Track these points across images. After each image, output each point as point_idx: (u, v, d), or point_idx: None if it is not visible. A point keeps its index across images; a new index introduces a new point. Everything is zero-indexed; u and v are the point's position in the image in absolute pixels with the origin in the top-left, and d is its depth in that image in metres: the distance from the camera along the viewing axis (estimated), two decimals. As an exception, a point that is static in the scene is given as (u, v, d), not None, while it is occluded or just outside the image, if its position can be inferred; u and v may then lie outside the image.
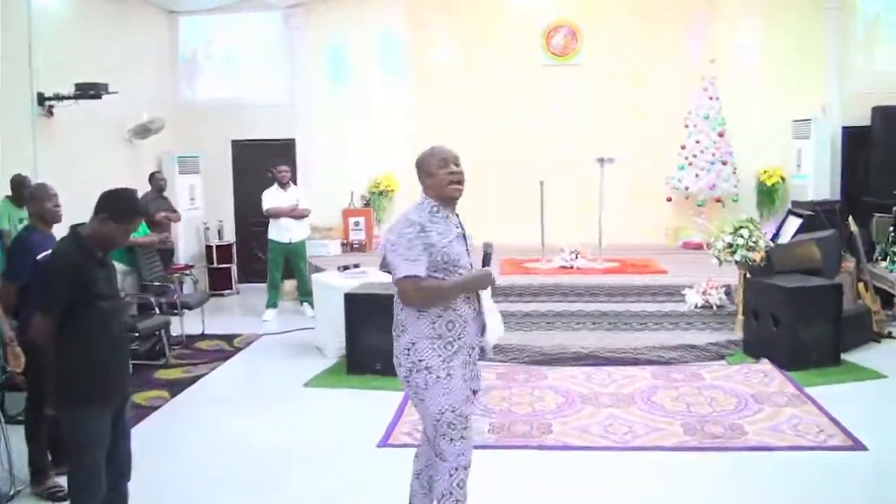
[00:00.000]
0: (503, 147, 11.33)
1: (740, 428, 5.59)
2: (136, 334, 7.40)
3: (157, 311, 8.06)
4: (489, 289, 3.64)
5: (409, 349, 3.54)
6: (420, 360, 3.52)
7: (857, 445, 5.25)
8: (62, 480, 4.84)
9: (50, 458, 4.99)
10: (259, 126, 11.68)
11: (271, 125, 11.68)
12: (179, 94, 11.89)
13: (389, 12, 11.67)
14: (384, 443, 5.60)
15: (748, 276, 7.64)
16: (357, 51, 11.70)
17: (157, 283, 8.65)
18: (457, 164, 3.56)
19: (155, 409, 6.47)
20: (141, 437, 5.78)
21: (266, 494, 4.84)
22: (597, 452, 5.33)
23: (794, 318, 6.99)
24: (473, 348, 3.63)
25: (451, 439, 3.54)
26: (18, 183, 6.69)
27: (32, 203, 4.96)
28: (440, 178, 3.53)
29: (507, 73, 11.59)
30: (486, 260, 3.66)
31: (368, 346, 7.23)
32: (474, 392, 3.68)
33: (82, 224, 3.70)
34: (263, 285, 10.29)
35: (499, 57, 11.62)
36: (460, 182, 3.55)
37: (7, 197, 6.87)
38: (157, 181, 9.73)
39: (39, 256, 4.67)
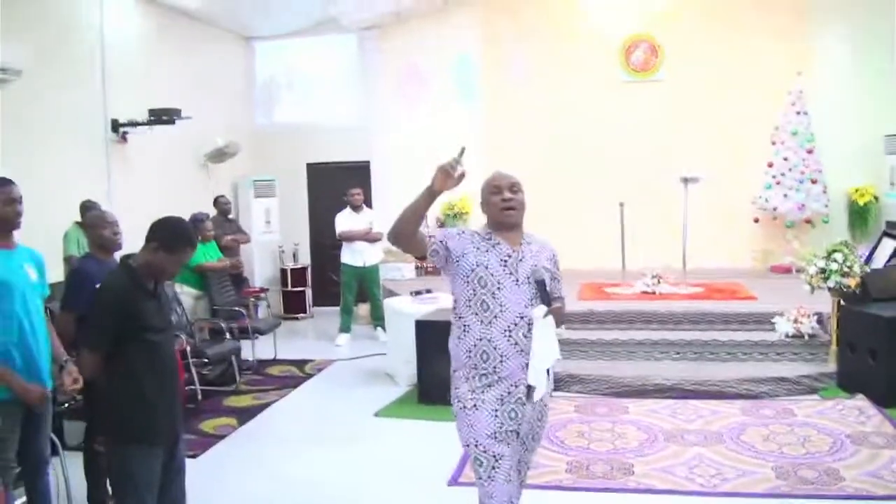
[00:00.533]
0: (582, 167, 11.08)
1: (836, 473, 5.16)
2: (206, 360, 7.34)
3: (229, 336, 7.99)
4: (545, 326, 3.33)
5: (452, 377, 3.50)
6: (456, 389, 3.46)
7: (967, 493, 4.81)
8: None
9: (110, 491, 4.91)
10: (334, 149, 11.65)
11: (346, 148, 11.63)
12: (255, 118, 11.95)
13: (465, 33, 11.56)
14: (454, 481, 5.37)
15: (842, 303, 7.18)
16: (431, 72, 11.59)
17: (228, 308, 8.61)
18: (512, 190, 3.48)
19: (222, 437, 6.38)
20: (206, 466, 5.72)
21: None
22: (682, 497, 4.98)
23: (894, 351, 6.52)
24: (516, 385, 3.34)
25: (479, 478, 3.35)
26: (87, 209, 6.69)
27: (90, 231, 4.91)
28: (492, 204, 3.49)
29: (584, 91, 11.34)
30: (542, 292, 3.37)
31: (439, 376, 6.93)
32: (517, 434, 3.37)
33: (133, 255, 3.59)
34: (337, 309, 10.19)
35: (576, 74, 11.39)
36: (513, 208, 3.44)
37: (77, 223, 6.90)
38: (221, 205, 9.74)
39: (98, 284, 4.59)
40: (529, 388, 3.33)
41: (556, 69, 11.44)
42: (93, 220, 4.89)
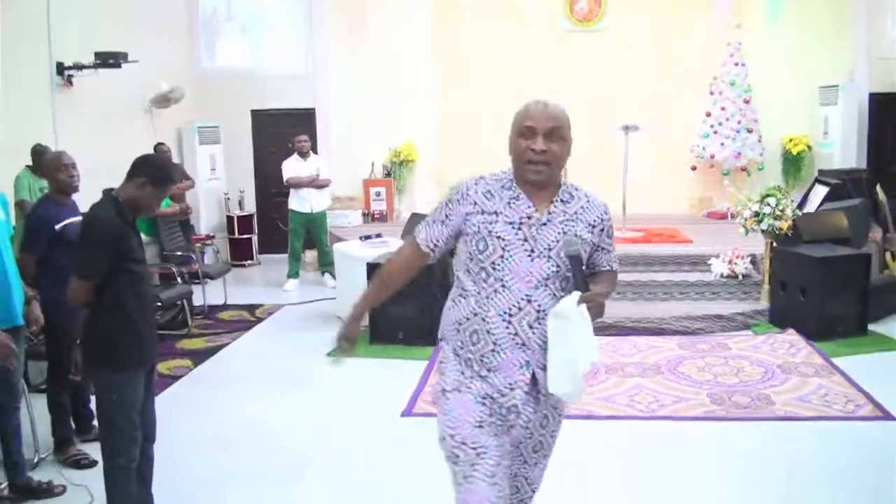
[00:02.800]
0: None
1: (767, 398, 5.52)
2: (159, 304, 7.40)
3: (180, 280, 8.05)
4: (578, 319, 2.51)
5: (439, 349, 2.87)
6: (441, 364, 2.80)
7: (886, 416, 5.17)
8: (85, 448, 4.91)
9: (73, 426, 5.01)
10: (279, 95, 11.62)
11: (291, 95, 11.61)
12: (200, 64, 11.81)
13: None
14: (408, 412, 5.58)
15: (775, 245, 7.53)
16: (379, 18, 11.57)
17: (178, 254, 8.64)
18: (549, 137, 2.59)
19: (178, 378, 6.48)
20: (164, 405, 5.77)
21: (291, 463, 4.83)
22: (622, 422, 5.28)
23: (822, 289, 6.89)
24: (511, 388, 2.63)
25: (455, 478, 2.65)
26: (39, 153, 6.67)
27: (48, 173, 4.92)
28: (517, 149, 2.64)
29: (530, 40, 11.46)
30: (577, 273, 2.59)
31: (391, 316, 7.21)
32: (508, 432, 2.68)
33: (114, 189, 3.66)
34: (284, 256, 10.27)
35: (522, 23, 11.48)
36: (543, 163, 2.59)
37: (28, 167, 6.88)
38: (161, 153, 9.69)
39: (58, 226, 4.66)
40: (534, 379, 2.64)
41: (503, 18, 11.52)
42: (50, 163, 4.90)
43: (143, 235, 8.09)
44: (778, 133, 11.09)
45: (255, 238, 11.65)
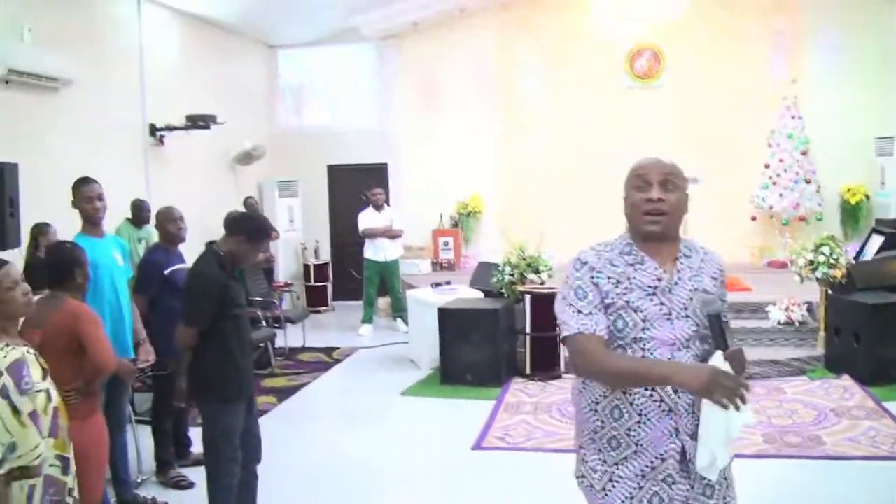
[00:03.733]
0: (588, 168, 11.57)
1: (818, 438, 5.82)
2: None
3: (264, 324, 8.64)
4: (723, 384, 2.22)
5: (578, 453, 2.65)
6: (583, 456, 2.60)
7: (933, 455, 5.44)
8: (183, 471, 5.46)
9: (173, 451, 5.58)
10: (354, 151, 12.30)
11: (365, 150, 12.29)
12: (279, 123, 12.60)
13: (479, 39, 12.14)
14: (478, 446, 6.01)
15: (829, 293, 7.81)
16: (447, 77, 12.21)
17: (262, 299, 9.26)
18: (665, 187, 2.48)
19: (265, 412, 6.97)
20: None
21: (370, 491, 5.30)
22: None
23: (876, 334, 7.14)
24: (663, 458, 2.44)
25: None
26: (138, 206, 7.48)
27: (158, 224, 5.58)
28: (634, 203, 2.52)
29: (591, 96, 11.91)
30: (717, 331, 2.41)
31: (460, 359, 7.69)
32: None
33: (216, 242, 4.24)
34: (357, 303, 10.84)
35: (583, 80, 11.94)
36: (661, 213, 2.47)
37: (127, 219, 7.59)
38: (249, 206, 10.42)
39: (167, 272, 5.30)
40: (684, 457, 2.44)
41: (565, 74, 12.02)
42: (162, 216, 5.55)
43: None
44: (836, 183, 11.31)
45: (329, 286, 12.25)
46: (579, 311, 2.46)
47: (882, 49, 11.23)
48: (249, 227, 4.21)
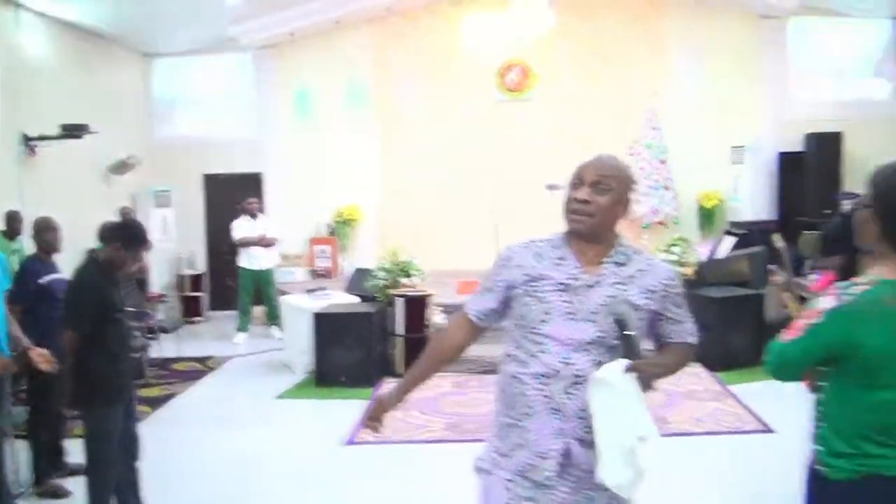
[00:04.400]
0: (463, 178, 11.92)
1: (664, 419, 6.28)
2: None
3: (137, 335, 8.58)
4: (623, 390, 2.32)
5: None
6: (485, 446, 2.65)
7: (767, 429, 5.95)
8: (61, 482, 5.44)
9: (51, 461, 5.55)
10: (230, 161, 12.26)
11: (241, 160, 12.26)
12: (155, 132, 12.43)
13: (355, 51, 12.32)
14: (350, 441, 6.21)
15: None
16: (324, 89, 12.30)
17: (135, 310, 9.16)
18: (596, 187, 2.49)
19: (137, 421, 6.98)
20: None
21: (245, 492, 5.42)
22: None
23: (724, 325, 7.70)
24: (543, 457, 2.45)
25: None
26: (12, 218, 7.30)
27: (36, 234, 5.58)
28: (566, 200, 2.55)
29: (465, 109, 12.23)
30: (624, 341, 2.37)
31: (334, 361, 7.87)
32: None
33: (95, 250, 4.36)
34: (233, 313, 10.83)
35: (457, 93, 12.28)
36: (585, 214, 2.49)
37: (0, 231, 7.45)
38: (125, 215, 10.27)
39: (42, 281, 5.34)
40: (565, 457, 2.44)
41: (440, 88, 12.34)
42: (41, 226, 5.58)
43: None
44: (693, 189, 12.02)
45: (204, 296, 12.19)
46: (481, 290, 2.65)
47: (738, 64, 11.99)
48: (124, 234, 4.36)
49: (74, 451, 4.45)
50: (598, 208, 2.46)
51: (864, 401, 2.25)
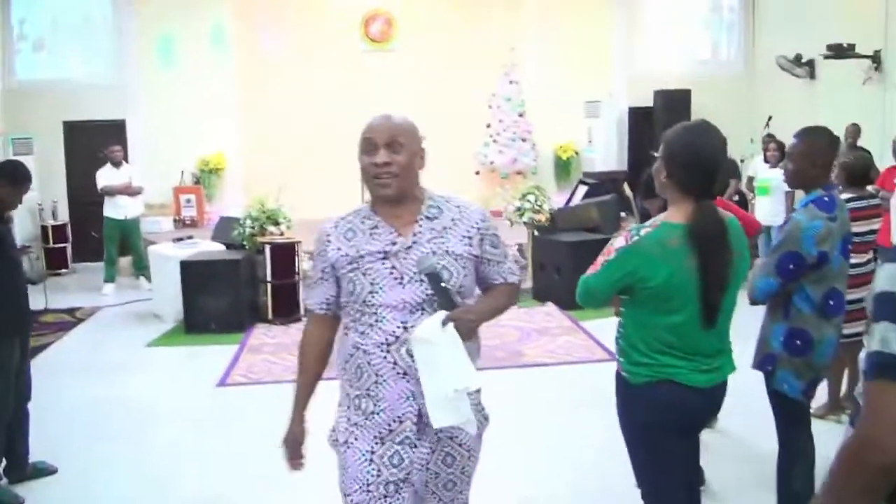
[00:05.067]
0: (328, 127, 12.01)
1: (520, 353, 6.84)
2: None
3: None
4: (445, 341, 2.34)
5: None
6: (338, 408, 2.66)
7: (614, 358, 6.55)
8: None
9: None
10: (91, 107, 11.98)
11: (103, 107, 12.02)
12: (11, 76, 11.99)
13: (218, 4, 12.29)
14: (222, 383, 6.49)
15: (535, 234, 8.93)
16: (185, 34, 12.21)
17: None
18: (391, 148, 2.47)
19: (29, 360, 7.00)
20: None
21: (125, 434, 5.59)
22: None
23: (574, 268, 8.24)
24: (400, 420, 2.48)
25: None
26: None
27: None
28: (364, 167, 2.50)
29: (329, 59, 12.43)
30: (439, 292, 2.40)
31: (203, 309, 8.05)
32: (409, 483, 2.50)
33: None
34: (99, 264, 10.73)
35: (322, 43, 12.44)
36: (390, 175, 2.45)
37: None
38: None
39: None
40: (421, 420, 2.47)
41: (304, 38, 12.46)
42: None
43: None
44: (550, 141, 12.67)
45: (69, 247, 11.98)
46: (313, 282, 2.64)
47: (592, 21, 12.64)
48: (11, 172, 4.46)
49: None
50: (400, 167, 2.44)
51: (657, 322, 2.76)
